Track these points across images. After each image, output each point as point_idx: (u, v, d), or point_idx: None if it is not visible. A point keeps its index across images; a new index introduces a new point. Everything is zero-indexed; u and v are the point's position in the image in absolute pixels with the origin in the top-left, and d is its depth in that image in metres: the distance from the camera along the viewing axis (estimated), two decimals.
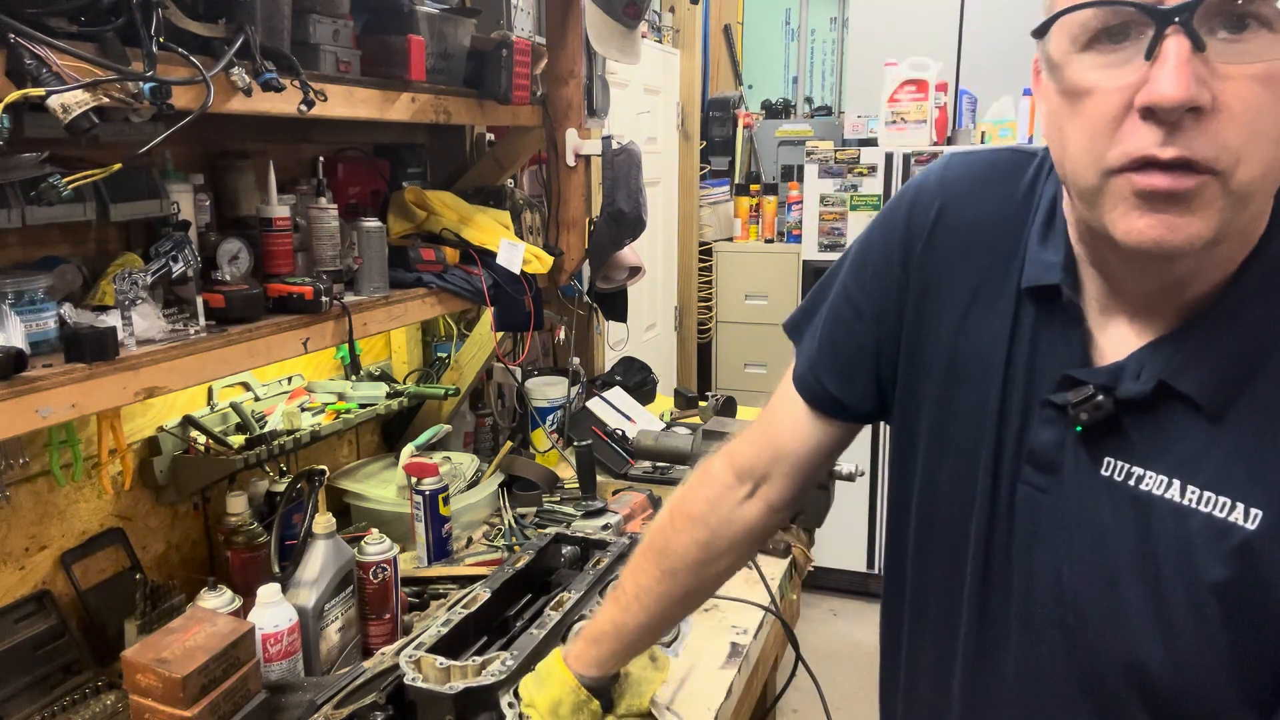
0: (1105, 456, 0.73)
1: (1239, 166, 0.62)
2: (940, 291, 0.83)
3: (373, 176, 1.98)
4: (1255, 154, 0.62)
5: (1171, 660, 0.70)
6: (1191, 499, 0.68)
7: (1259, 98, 0.61)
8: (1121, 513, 0.71)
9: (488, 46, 1.86)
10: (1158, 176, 0.62)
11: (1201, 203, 0.62)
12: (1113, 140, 0.64)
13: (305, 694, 1.26)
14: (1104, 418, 0.71)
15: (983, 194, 0.84)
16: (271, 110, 1.31)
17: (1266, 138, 0.62)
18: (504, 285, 1.88)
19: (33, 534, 1.40)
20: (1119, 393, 0.71)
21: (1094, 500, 0.73)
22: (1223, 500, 0.67)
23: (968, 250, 0.82)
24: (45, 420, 1.09)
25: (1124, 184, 0.64)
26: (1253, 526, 0.66)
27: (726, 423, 2.05)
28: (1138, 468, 0.71)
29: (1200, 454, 0.69)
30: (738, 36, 5.12)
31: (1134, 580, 0.71)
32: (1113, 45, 0.64)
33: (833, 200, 3.83)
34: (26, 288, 1.17)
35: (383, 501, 1.87)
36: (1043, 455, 0.76)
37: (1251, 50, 0.60)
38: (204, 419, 1.66)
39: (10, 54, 0.98)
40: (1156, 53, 0.61)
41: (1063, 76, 0.67)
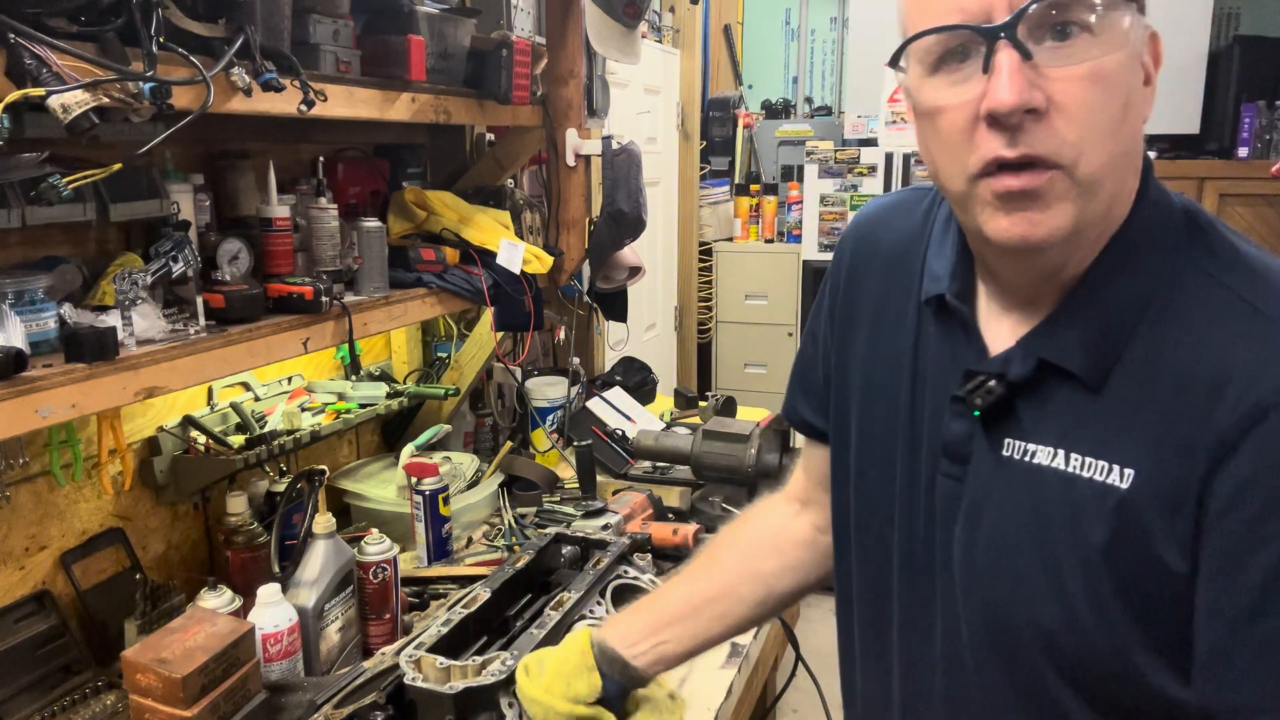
0: (1004, 438, 0.79)
1: (1081, 158, 0.69)
2: (855, 318, 0.94)
3: (373, 176, 1.98)
4: (1093, 144, 0.69)
5: (1071, 623, 0.74)
6: (1075, 466, 0.73)
7: (1088, 93, 0.68)
8: (1018, 487, 0.77)
9: (488, 46, 1.85)
10: (1009, 178, 0.70)
11: (1054, 196, 0.70)
12: (969, 148, 0.71)
13: (305, 694, 1.26)
14: (996, 400, 0.77)
15: (886, 226, 0.95)
16: (271, 110, 1.31)
17: (1102, 129, 0.69)
18: (504, 285, 1.88)
19: (33, 534, 1.40)
20: (1009, 376, 0.77)
21: (997, 480, 0.79)
22: (1101, 464, 0.72)
23: (873, 277, 0.93)
24: (45, 420, 1.09)
25: (984, 188, 0.72)
26: (1126, 486, 0.71)
27: (726, 423, 2.05)
28: (1031, 444, 0.77)
29: (1082, 423, 0.74)
30: (738, 36, 5.12)
31: (1031, 548, 0.76)
32: (957, 65, 0.71)
33: (833, 200, 3.83)
34: (26, 288, 1.17)
35: (383, 501, 1.87)
36: (955, 447, 0.82)
37: (1074, 53, 0.68)
38: (204, 419, 1.66)
39: (10, 54, 0.98)
40: (990, 66, 0.68)
41: (919, 100, 0.75)
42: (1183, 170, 3.78)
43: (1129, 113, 0.71)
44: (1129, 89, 0.70)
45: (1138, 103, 0.72)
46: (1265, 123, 3.83)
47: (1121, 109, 0.70)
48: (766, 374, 4.60)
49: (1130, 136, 0.72)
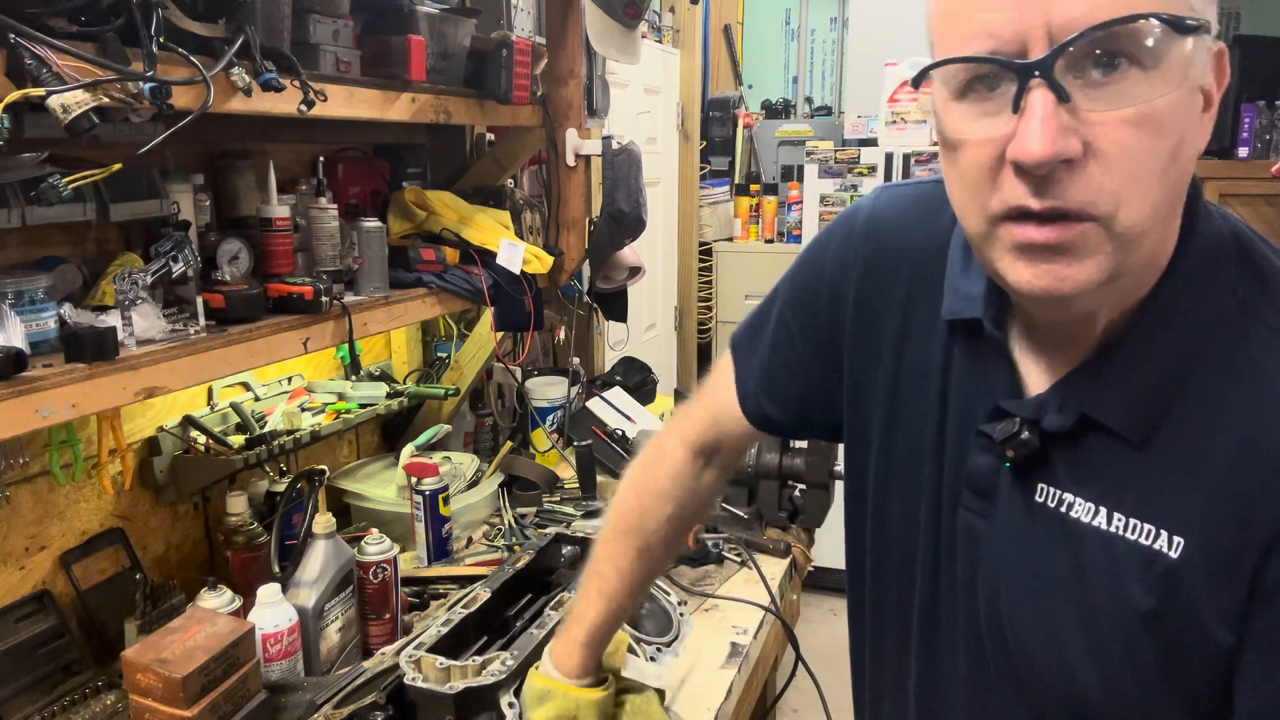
0: (1038, 483, 0.73)
1: (1120, 210, 0.61)
2: (874, 326, 0.85)
3: (373, 176, 1.98)
4: (1136, 195, 0.61)
5: (1106, 684, 0.70)
6: (1118, 526, 0.68)
7: (1133, 139, 0.60)
8: (1053, 539, 0.72)
9: (488, 46, 1.86)
10: (1033, 229, 0.62)
11: (1086, 250, 0.62)
12: (991, 189, 0.64)
13: (305, 694, 1.26)
14: (1030, 453, 0.72)
15: (909, 227, 0.84)
16: (271, 110, 1.31)
17: (1147, 178, 0.61)
18: (504, 285, 1.88)
19: (33, 534, 1.40)
20: (1044, 425, 0.71)
21: (1028, 526, 0.74)
22: (1147, 528, 0.67)
23: (899, 284, 0.83)
24: (45, 420, 1.09)
25: (1005, 233, 0.64)
26: (1175, 555, 0.66)
27: None
28: (1067, 494, 0.71)
29: (1125, 481, 0.69)
30: (738, 36, 5.12)
31: (1066, 605, 0.71)
32: (987, 93, 0.63)
33: (833, 200, 3.83)
34: (27, 288, 1.17)
35: (383, 501, 1.87)
36: (979, 482, 0.77)
37: (1121, 93, 0.59)
38: (204, 419, 1.66)
39: (10, 54, 0.98)
40: (1022, 106, 0.60)
41: (942, 126, 0.67)
42: None
43: (1181, 154, 0.62)
44: (1183, 128, 0.62)
45: (1192, 139, 0.63)
46: (1265, 122, 3.83)
47: (1171, 153, 0.61)
48: None
49: (1180, 180, 0.64)
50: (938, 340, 0.80)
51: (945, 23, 0.65)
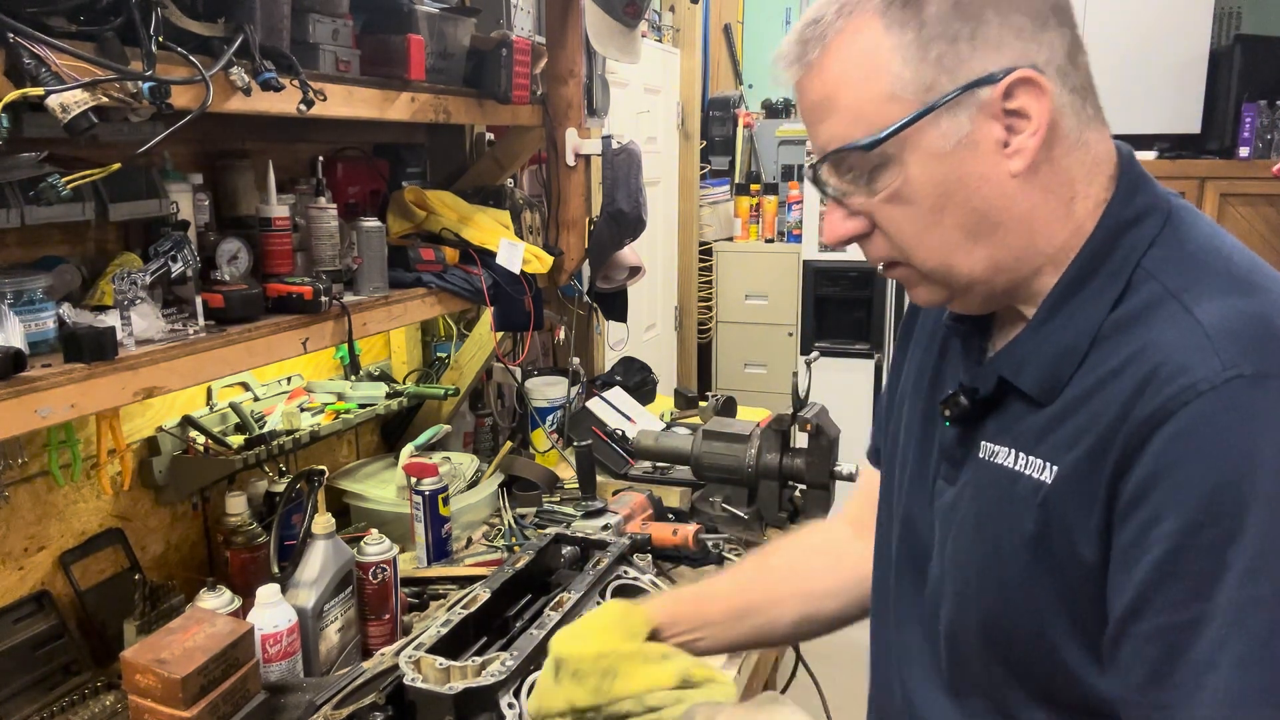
0: (980, 440, 0.84)
1: (912, 257, 0.80)
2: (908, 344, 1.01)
3: (372, 176, 1.98)
4: (917, 247, 0.79)
5: (1007, 609, 0.79)
6: (1021, 464, 0.78)
7: (892, 212, 0.78)
8: (983, 485, 0.82)
9: (487, 46, 1.85)
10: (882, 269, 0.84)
11: (912, 282, 0.83)
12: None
13: (305, 694, 1.25)
14: (963, 412, 0.84)
15: None
16: (271, 110, 1.30)
17: (917, 235, 0.78)
18: (504, 285, 1.88)
19: (32, 534, 1.40)
20: (981, 394, 0.83)
21: (971, 479, 0.84)
22: (1036, 460, 0.77)
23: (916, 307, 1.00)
24: (44, 420, 1.08)
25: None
26: (1049, 480, 0.75)
27: (727, 423, 2.05)
28: (996, 445, 0.82)
29: (1033, 425, 0.79)
30: (738, 36, 5.11)
31: (984, 541, 0.81)
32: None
33: None
34: (25, 287, 1.17)
35: (382, 502, 1.87)
36: (949, 451, 0.87)
37: (877, 182, 0.77)
38: (203, 419, 1.66)
39: (9, 53, 0.98)
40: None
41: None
42: (1183, 170, 3.78)
43: (952, 201, 0.76)
44: (949, 182, 0.75)
45: (975, 176, 0.75)
46: (1266, 122, 3.83)
47: (936, 207, 0.76)
48: (766, 374, 4.59)
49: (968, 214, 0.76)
50: (936, 338, 0.95)
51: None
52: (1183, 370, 0.68)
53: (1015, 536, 0.77)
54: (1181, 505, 0.67)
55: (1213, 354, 0.68)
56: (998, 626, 0.80)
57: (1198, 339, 0.69)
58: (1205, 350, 0.68)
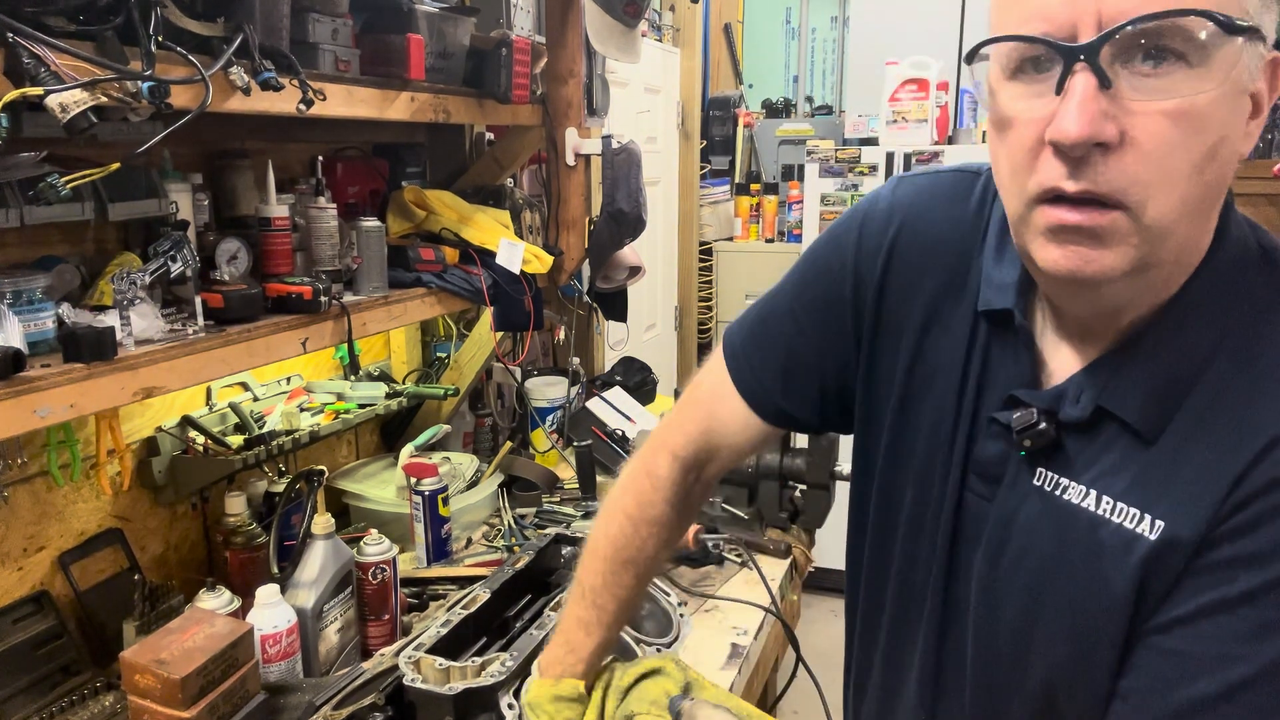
0: (1038, 467, 0.75)
1: (1149, 202, 0.63)
2: (898, 314, 0.85)
3: (372, 176, 1.98)
4: (1167, 189, 0.63)
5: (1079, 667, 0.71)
6: (1105, 510, 0.70)
7: (1169, 133, 0.62)
8: (1045, 520, 0.74)
9: (487, 45, 1.85)
10: (1066, 211, 0.64)
11: (1114, 237, 0.64)
12: (1031, 170, 0.66)
13: (304, 695, 1.25)
14: (1046, 443, 0.73)
15: (934, 216, 0.85)
16: (270, 109, 1.30)
17: (1180, 173, 0.63)
18: (504, 285, 1.88)
19: (31, 534, 1.40)
20: (1060, 416, 0.73)
21: (1025, 507, 0.75)
22: (1132, 511, 0.68)
23: (923, 273, 0.84)
24: (43, 420, 1.08)
25: (1040, 215, 0.66)
26: (1154, 537, 0.67)
27: None
28: (1064, 478, 0.73)
29: (1121, 467, 0.70)
30: (738, 35, 5.11)
31: (1052, 585, 0.73)
32: (1036, 75, 0.65)
33: (833, 200, 3.82)
34: (25, 287, 1.17)
35: (382, 502, 1.86)
36: (987, 468, 0.78)
37: (1164, 86, 0.61)
38: (202, 419, 1.66)
39: (9, 53, 0.98)
40: (1064, 88, 0.62)
41: (993, 104, 0.69)
42: None
43: (1219, 153, 0.64)
44: (1224, 128, 0.64)
45: (1234, 140, 0.65)
46: (1266, 122, 3.83)
47: (1208, 152, 0.63)
48: None
49: (1216, 180, 0.65)
50: (963, 329, 0.81)
51: (1004, 5, 0.67)
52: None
53: (1098, 590, 0.70)
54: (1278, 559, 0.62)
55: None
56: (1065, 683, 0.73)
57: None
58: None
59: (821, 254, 0.91)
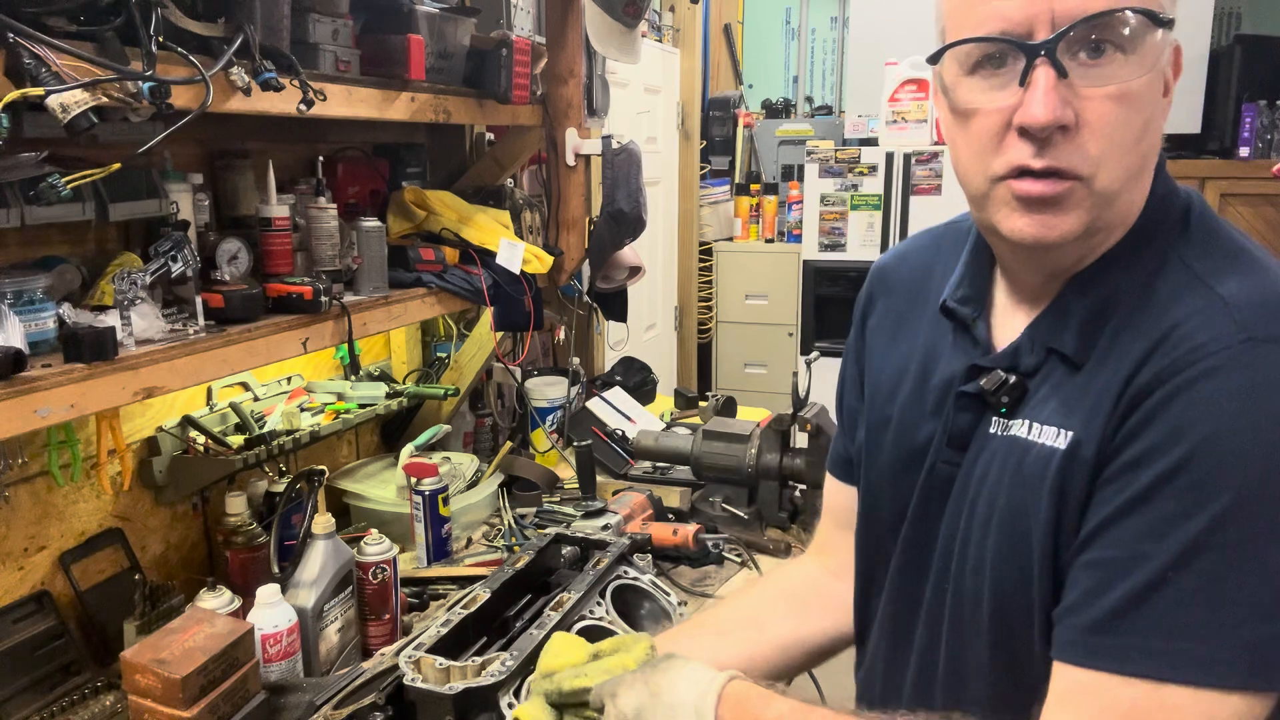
0: (992, 417, 0.84)
1: (1100, 172, 0.74)
2: (876, 334, 1.01)
3: (372, 176, 1.98)
4: (1113, 161, 0.74)
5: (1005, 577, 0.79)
6: (1035, 433, 0.79)
7: (1114, 113, 0.73)
8: (996, 458, 0.82)
9: (487, 46, 1.85)
10: (1031, 183, 0.74)
11: (1071, 203, 0.75)
12: (996, 152, 0.76)
13: (304, 694, 1.25)
14: (1020, 394, 0.81)
15: (903, 260, 1.02)
16: (271, 110, 1.31)
17: (1122, 146, 0.74)
18: (504, 285, 1.88)
19: (32, 534, 1.40)
20: (1021, 368, 0.82)
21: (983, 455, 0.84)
22: (1050, 429, 0.77)
23: (895, 295, 1.00)
24: (44, 420, 1.08)
25: (1005, 190, 0.76)
26: (1063, 446, 0.75)
27: (727, 423, 2.05)
28: (1012, 420, 0.82)
29: (1052, 395, 0.79)
30: (738, 36, 5.11)
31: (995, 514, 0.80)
32: (993, 70, 0.75)
33: (833, 200, 3.83)
34: (26, 287, 1.17)
35: (382, 502, 1.87)
36: (957, 438, 0.86)
37: (1106, 73, 0.72)
38: (203, 419, 1.66)
39: (9, 53, 0.98)
40: (1028, 80, 0.72)
41: (954, 98, 0.79)
42: (1184, 170, 3.78)
43: (1150, 127, 0.75)
44: (1153, 106, 0.75)
45: (1159, 116, 0.76)
46: (1266, 122, 3.83)
47: (1143, 125, 0.74)
48: (766, 374, 4.59)
49: (1149, 149, 0.76)
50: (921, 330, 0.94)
51: (959, 8, 0.77)
52: (1196, 332, 0.71)
53: (1029, 506, 0.77)
54: (1167, 451, 0.69)
55: (1229, 320, 0.70)
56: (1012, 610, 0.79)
57: (1217, 308, 0.72)
58: (1222, 317, 0.71)
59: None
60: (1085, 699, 0.70)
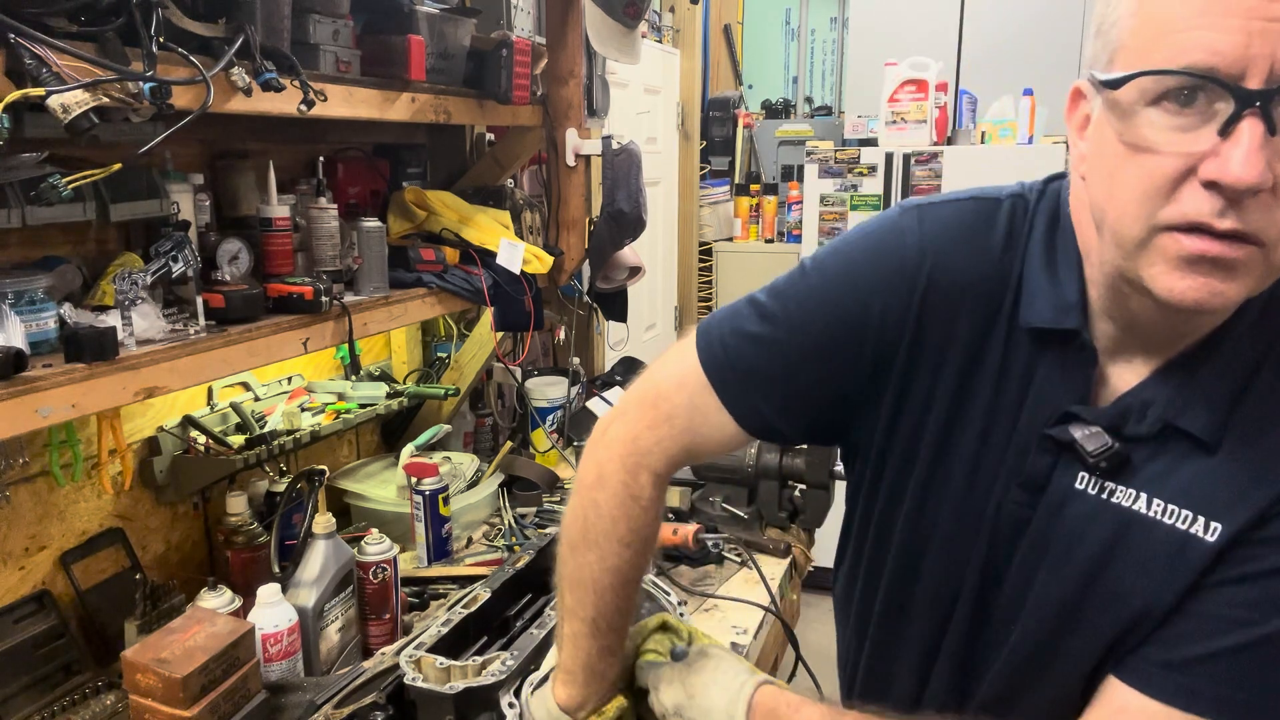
0: (1079, 473, 0.78)
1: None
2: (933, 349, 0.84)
3: (373, 176, 1.98)
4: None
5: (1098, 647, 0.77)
6: (1156, 511, 0.73)
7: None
8: (1091, 521, 0.77)
9: (488, 46, 1.85)
10: (1210, 242, 0.65)
11: (1244, 270, 0.65)
12: (1169, 200, 0.65)
13: (305, 694, 1.25)
14: (1120, 462, 0.75)
15: (965, 251, 0.83)
16: (271, 110, 1.31)
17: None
18: (504, 285, 1.88)
19: (32, 534, 1.40)
20: (1126, 432, 0.75)
21: (1065, 511, 0.78)
22: (1185, 513, 0.72)
23: (959, 309, 0.83)
24: (45, 420, 1.08)
25: (1171, 243, 0.66)
26: (1212, 539, 0.71)
27: None
28: (1110, 483, 0.76)
29: (1174, 472, 0.74)
30: (738, 36, 5.11)
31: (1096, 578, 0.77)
32: (1180, 107, 0.64)
33: (833, 200, 3.82)
34: (26, 288, 1.17)
35: (383, 501, 1.87)
36: (1033, 481, 0.80)
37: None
38: (204, 419, 1.66)
39: (10, 54, 0.98)
40: (1232, 131, 0.62)
41: (1129, 128, 0.67)
42: None
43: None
44: None
45: None
46: None
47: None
48: None
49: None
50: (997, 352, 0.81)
51: (1154, 29, 0.65)
52: None
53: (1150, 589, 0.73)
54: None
55: None
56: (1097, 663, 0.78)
57: None
58: None
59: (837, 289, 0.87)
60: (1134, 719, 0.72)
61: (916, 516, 0.89)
